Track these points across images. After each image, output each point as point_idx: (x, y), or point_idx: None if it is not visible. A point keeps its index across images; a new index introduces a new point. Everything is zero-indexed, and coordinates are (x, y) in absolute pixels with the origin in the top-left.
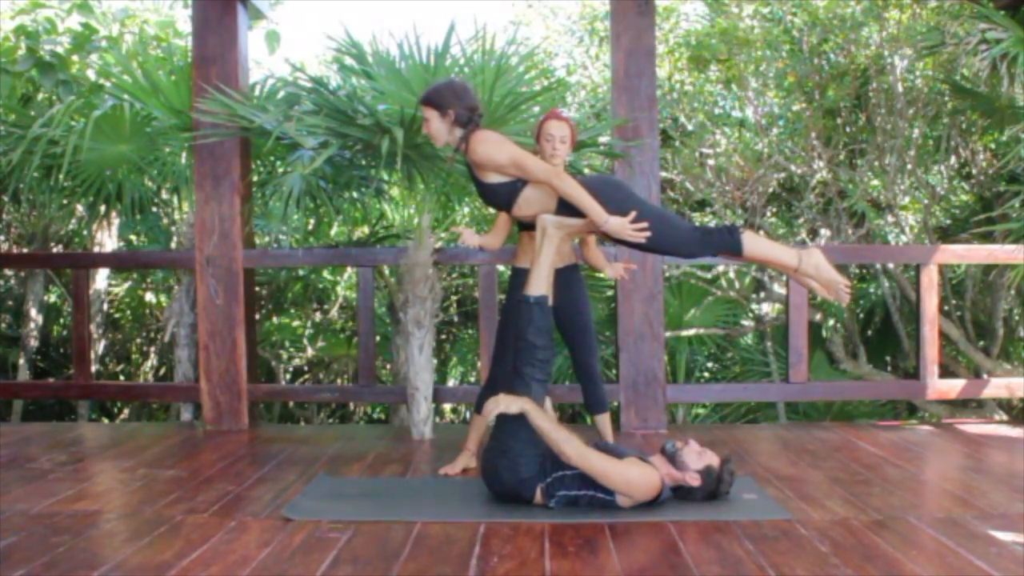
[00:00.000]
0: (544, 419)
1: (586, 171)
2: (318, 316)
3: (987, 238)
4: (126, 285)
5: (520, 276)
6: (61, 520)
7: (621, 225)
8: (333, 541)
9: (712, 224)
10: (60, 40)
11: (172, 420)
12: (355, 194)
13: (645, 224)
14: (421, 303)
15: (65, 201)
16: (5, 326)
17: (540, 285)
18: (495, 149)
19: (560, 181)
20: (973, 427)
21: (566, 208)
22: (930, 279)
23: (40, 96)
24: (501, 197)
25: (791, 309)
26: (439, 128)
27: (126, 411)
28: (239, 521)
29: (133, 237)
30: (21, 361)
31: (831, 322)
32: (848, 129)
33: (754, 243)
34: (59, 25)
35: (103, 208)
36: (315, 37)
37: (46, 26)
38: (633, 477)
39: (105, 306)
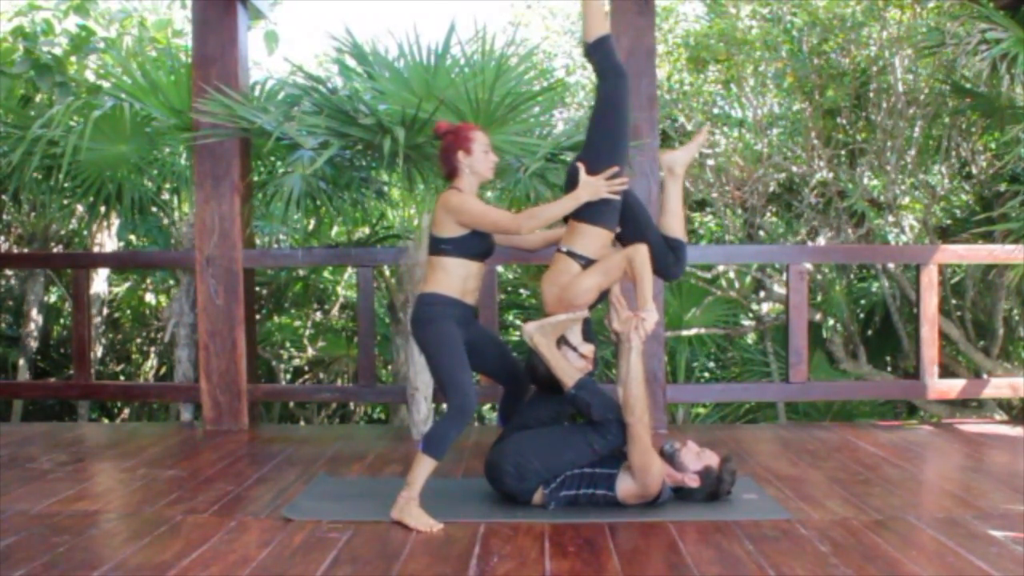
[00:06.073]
0: (641, 361)
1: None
2: (318, 316)
3: (987, 238)
4: (126, 285)
5: (438, 306)
6: (61, 520)
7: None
8: (333, 541)
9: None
10: (58, 42)
11: (172, 420)
12: (355, 195)
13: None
14: None
15: (65, 201)
16: (5, 326)
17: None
18: (576, 285)
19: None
20: (973, 427)
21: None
22: (930, 279)
23: (39, 97)
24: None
25: (791, 309)
26: (567, 364)
27: (126, 411)
28: (239, 521)
29: (132, 237)
30: (21, 361)
31: (831, 322)
32: (848, 129)
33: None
34: (56, 27)
35: (103, 208)
36: (314, 37)
37: (43, 27)
38: (654, 463)
39: (105, 310)
